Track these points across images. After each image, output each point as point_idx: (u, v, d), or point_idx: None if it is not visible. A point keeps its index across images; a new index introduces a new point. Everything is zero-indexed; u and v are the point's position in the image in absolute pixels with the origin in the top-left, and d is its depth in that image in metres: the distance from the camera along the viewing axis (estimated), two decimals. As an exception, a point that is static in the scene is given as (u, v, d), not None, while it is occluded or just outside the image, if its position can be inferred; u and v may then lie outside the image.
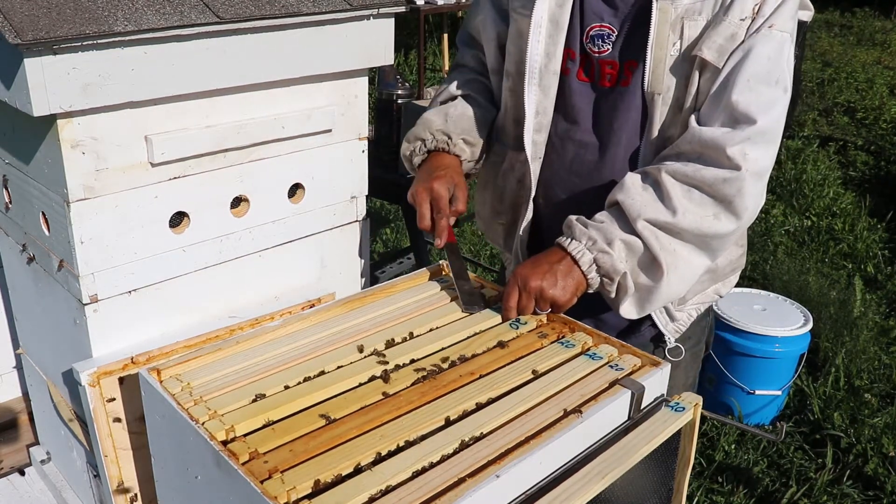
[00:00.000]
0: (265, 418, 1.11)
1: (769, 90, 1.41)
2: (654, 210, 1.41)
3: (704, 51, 1.44)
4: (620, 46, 1.54)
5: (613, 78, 1.56)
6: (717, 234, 1.43)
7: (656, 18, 1.46)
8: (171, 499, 1.22)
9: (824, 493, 2.95)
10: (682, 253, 1.43)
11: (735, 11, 1.42)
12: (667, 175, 1.42)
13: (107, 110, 1.22)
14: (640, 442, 1.19)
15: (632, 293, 1.45)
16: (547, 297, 1.40)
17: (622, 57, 1.54)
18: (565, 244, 1.43)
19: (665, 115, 1.52)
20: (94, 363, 1.28)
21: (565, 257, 1.42)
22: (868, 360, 3.76)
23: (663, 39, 1.47)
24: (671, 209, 1.40)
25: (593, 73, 1.58)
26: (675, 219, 1.40)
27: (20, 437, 1.78)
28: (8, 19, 1.08)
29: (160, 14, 1.20)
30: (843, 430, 3.27)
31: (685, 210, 1.40)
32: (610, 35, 1.54)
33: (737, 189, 1.40)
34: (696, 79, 1.47)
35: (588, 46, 1.56)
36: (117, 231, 1.28)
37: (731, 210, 1.42)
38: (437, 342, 1.33)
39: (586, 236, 1.42)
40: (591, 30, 1.55)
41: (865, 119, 7.71)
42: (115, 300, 1.32)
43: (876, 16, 12.70)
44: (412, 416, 1.12)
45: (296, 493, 0.95)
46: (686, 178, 1.41)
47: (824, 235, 5.28)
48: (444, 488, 0.98)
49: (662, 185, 1.42)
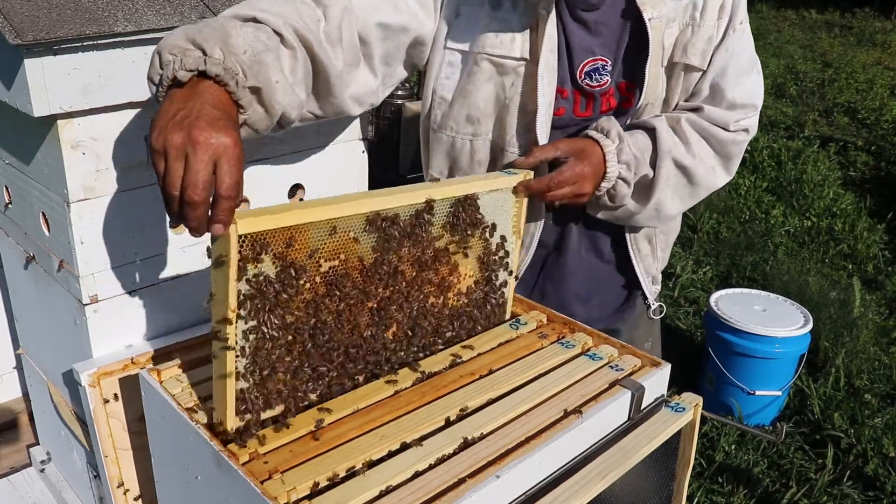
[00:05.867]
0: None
1: (753, 77, 1.58)
2: (681, 152, 1.53)
3: (690, 57, 1.53)
4: (618, 74, 1.54)
5: (613, 104, 1.56)
6: (710, 187, 1.61)
7: (653, 38, 1.48)
8: (171, 499, 1.22)
9: (824, 494, 2.95)
10: (670, 199, 1.57)
11: (708, 15, 1.52)
12: (686, 123, 1.54)
13: (107, 111, 1.22)
14: (641, 442, 1.19)
15: (607, 207, 1.57)
16: (579, 197, 1.49)
17: (619, 81, 1.55)
18: (608, 157, 1.47)
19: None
20: (94, 363, 1.28)
21: (600, 161, 1.48)
22: (868, 361, 3.76)
23: (657, 56, 1.51)
24: (692, 153, 1.54)
25: (591, 106, 1.56)
26: (693, 162, 1.54)
27: (20, 438, 1.78)
28: (8, 20, 1.08)
29: (160, 14, 1.20)
30: (843, 431, 3.27)
31: (700, 157, 1.55)
32: (605, 66, 1.52)
33: (739, 150, 1.59)
34: (680, 80, 1.57)
35: (585, 82, 1.53)
36: (117, 231, 1.28)
37: (727, 168, 1.60)
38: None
39: (626, 158, 1.49)
40: (585, 66, 1.52)
41: (866, 120, 7.71)
42: (115, 300, 1.32)
43: (876, 16, 12.71)
44: (412, 417, 1.12)
45: (296, 494, 0.95)
46: (701, 130, 1.55)
47: (824, 236, 5.29)
48: (444, 489, 0.98)
49: (682, 131, 1.54)
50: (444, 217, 1.26)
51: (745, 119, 1.58)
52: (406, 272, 1.22)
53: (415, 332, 1.26)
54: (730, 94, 1.54)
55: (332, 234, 1.10)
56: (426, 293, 1.26)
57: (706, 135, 1.55)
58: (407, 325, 1.25)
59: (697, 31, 1.52)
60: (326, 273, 1.11)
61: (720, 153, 1.58)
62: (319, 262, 1.10)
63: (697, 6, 1.52)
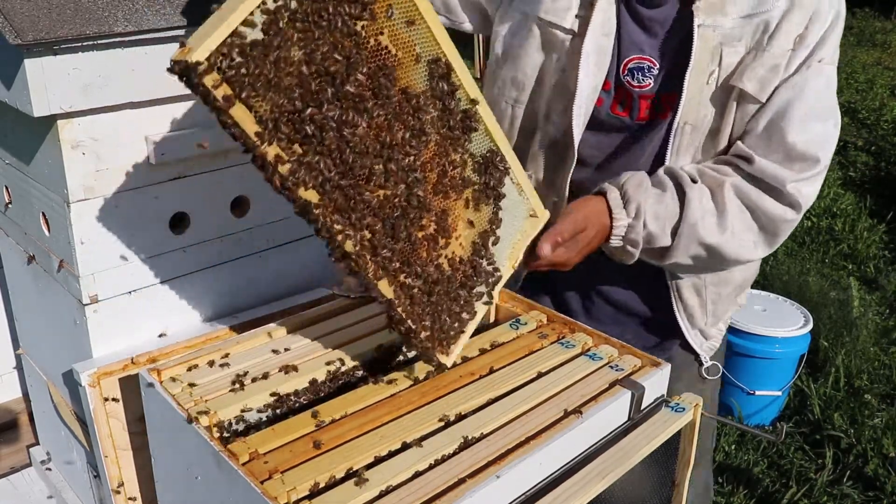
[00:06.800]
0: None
1: (823, 127, 1.38)
2: (708, 228, 1.39)
3: (745, 82, 1.37)
4: (661, 79, 1.44)
5: (651, 112, 1.47)
6: (748, 260, 1.46)
7: (697, 45, 1.38)
8: (171, 499, 1.22)
9: (824, 494, 2.95)
10: (684, 266, 1.45)
11: (779, 41, 1.36)
12: (731, 189, 1.39)
13: (107, 111, 1.22)
14: (641, 442, 1.19)
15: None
16: (566, 266, 1.40)
17: (661, 89, 1.45)
18: (616, 228, 1.39)
19: (694, 145, 1.46)
20: (94, 363, 1.28)
21: (605, 227, 1.39)
22: (868, 361, 3.76)
23: (702, 67, 1.39)
24: (723, 226, 1.39)
25: (630, 107, 1.47)
26: (722, 238, 1.39)
27: (20, 438, 1.78)
28: (8, 20, 1.08)
29: (160, 15, 1.20)
30: (843, 431, 3.27)
31: (733, 233, 1.40)
32: (651, 69, 1.44)
33: (789, 228, 1.42)
34: (734, 109, 1.41)
35: (626, 79, 1.44)
36: (117, 231, 1.28)
37: (771, 243, 1.44)
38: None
39: (634, 238, 1.40)
40: (629, 62, 1.44)
41: (866, 120, 7.71)
42: (115, 300, 1.32)
43: (876, 16, 12.69)
44: (412, 417, 1.12)
45: (296, 494, 0.95)
46: (748, 200, 1.40)
47: (824, 236, 5.28)
48: (444, 489, 0.98)
49: (724, 196, 1.39)
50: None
51: (805, 180, 1.37)
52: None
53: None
54: (790, 137, 1.36)
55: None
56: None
57: (753, 206, 1.39)
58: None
59: (761, 55, 1.37)
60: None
61: (766, 229, 1.40)
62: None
63: (768, 29, 1.37)
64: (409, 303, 1.15)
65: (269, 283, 1.53)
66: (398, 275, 1.12)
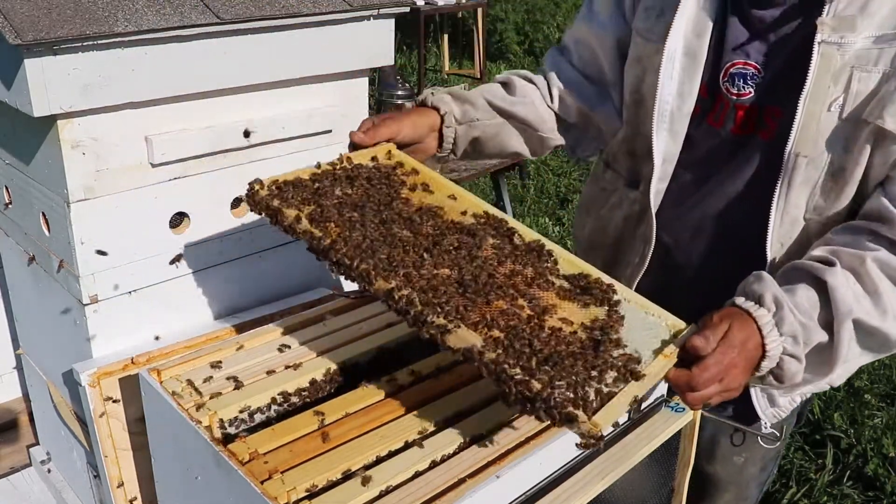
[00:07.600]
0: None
1: None
2: (865, 309, 1.14)
3: (888, 120, 1.15)
4: (764, 89, 1.27)
5: (747, 125, 1.30)
6: None
7: (816, 65, 1.18)
8: (171, 499, 1.22)
9: (824, 494, 2.94)
10: (858, 359, 1.19)
11: None
12: (874, 264, 1.15)
13: (107, 111, 1.22)
14: (641, 443, 1.19)
15: (774, 387, 1.18)
16: (728, 394, 1.08)
17: (763, 101, 1.28)
18: (764, 330, 1.09)
19: (811, 182, 1.25)
20: (94, 363, 1.28)
21: (757, 343, 1.09)
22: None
23: (821, 92, 1.19)
24: (881, 309, 1.14)
25: (724, 117, 1.32)
26: (885, 323, 1.15)
27: (20, 438, 1.78)
28: (8, 20, 1.08)
29: (160, 15, 1.20)
30: (843, 431, 3.27)
31: (895, 313, 1.15)
32: (755, 76, 1.27)
33: None
34: (866, 150, 1.19)
35: (725, 85, 1.29)
36: (118, 231, 1.28)
37: None
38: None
39: (789, 329, 1.10)
40: (731, 67, 1.29)
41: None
42: (115, 300, 1.32)
43: (876, 16, 12.66)
44: (412, 417, 1.12)
45: (296, 494, 0.95)
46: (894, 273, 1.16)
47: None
48: (444, 488, 0.98)
49: (869, 276, 1.15)
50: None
51: None
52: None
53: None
54: None
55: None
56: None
57: None
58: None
59: None
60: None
61: None
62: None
63: None
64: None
65: (269, 283, 1.53)
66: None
